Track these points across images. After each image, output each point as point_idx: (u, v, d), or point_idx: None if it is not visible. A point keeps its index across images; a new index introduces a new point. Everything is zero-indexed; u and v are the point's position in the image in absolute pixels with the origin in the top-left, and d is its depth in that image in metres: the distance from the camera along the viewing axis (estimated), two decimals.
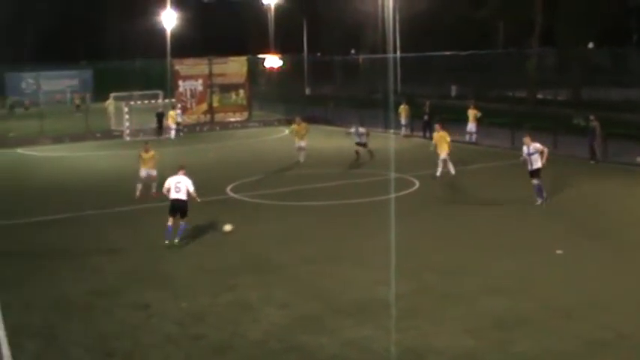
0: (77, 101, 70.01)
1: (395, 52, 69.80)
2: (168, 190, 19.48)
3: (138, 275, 17.11)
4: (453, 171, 28.07)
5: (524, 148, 22.87)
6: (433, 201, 24.31)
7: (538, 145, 22.69)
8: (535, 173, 22.60)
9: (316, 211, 23.63)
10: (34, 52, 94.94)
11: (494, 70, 63.79)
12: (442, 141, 28.24)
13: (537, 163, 22.51)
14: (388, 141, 36.95)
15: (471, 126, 37.60)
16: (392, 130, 41.65)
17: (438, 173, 27.88)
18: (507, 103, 50.12)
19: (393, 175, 27.44)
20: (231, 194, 26.24)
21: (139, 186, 25.68)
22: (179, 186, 19.30)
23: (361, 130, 32.85)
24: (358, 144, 32.61)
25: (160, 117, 46.10)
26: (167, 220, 19.38)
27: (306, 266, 17.37)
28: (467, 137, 37.29)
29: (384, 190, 25.22)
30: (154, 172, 25.73)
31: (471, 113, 37.69)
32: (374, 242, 18.92)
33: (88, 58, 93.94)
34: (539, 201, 22.67)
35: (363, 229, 20.66)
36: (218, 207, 23.93)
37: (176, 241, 19.24)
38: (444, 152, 28.03)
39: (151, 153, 26.04)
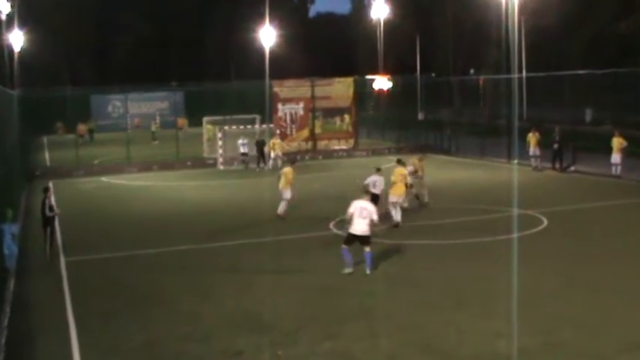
0: (153, 128, 68.32)
1: (520, 71, 69.13)
2: None
3: (234, 319, 17.33)
4: (399, 219, 26.69)
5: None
6: (564, 241, 23.88)
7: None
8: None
9: (431, 250, 23.52)
10: (121, 72, 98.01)
11: (638, 92, 62.27)
12: (398, 177, 27.01)
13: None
14: (512, 173, 36.59)
15: (616, 157, 36.20)
16: (516, 161, 41.22)
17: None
18: None
19: (516, 211, 27.18)
20: (335, 230, 26.33)
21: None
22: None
23: (410, 168, 29.29)
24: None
25: (260, 145, 46.67)
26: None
27: (419, 313, 17.31)
28: (612, 169, 36.26)
29: (506, 229, 24.94)
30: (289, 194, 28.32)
31: (616, 142, 36.33)
32: (496, 287, 18.67)
33: (179, 79, 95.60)
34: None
35: (483, 272, 20.44)
36: (321, 245, 24.18)
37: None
38: (396, 195, 26.80)
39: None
